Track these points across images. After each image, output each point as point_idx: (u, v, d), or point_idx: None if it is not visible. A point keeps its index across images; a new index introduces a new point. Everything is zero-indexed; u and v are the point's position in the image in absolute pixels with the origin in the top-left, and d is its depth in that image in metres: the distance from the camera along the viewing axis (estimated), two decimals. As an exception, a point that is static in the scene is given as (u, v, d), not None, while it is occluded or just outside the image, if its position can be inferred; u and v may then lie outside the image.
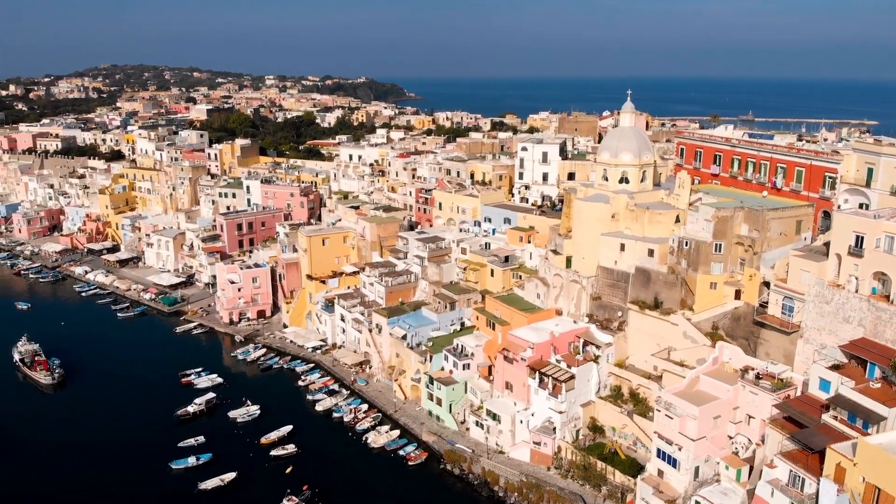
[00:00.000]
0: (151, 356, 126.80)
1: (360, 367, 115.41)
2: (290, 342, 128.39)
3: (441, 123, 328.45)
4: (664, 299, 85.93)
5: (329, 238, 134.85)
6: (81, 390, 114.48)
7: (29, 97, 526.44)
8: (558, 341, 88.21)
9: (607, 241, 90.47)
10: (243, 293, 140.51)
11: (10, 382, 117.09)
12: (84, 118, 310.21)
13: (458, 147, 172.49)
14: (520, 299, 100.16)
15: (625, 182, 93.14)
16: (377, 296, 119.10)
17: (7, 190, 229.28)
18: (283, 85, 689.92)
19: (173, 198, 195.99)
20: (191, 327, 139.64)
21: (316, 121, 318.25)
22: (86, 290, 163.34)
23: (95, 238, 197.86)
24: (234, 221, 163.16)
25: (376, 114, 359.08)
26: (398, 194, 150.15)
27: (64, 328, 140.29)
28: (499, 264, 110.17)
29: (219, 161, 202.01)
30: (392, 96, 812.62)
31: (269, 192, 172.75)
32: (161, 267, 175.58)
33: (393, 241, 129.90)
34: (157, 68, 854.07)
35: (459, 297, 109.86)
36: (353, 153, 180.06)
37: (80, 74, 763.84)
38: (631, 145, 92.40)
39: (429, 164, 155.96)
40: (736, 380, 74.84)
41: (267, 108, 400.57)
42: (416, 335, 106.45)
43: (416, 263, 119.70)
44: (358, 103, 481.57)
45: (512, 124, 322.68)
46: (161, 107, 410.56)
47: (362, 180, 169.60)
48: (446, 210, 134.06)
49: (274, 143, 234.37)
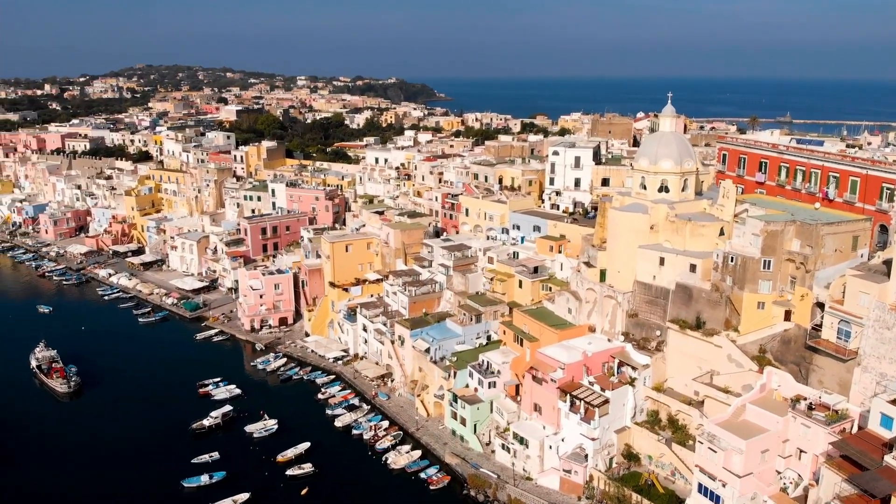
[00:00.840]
0: (170, 364, 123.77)
1: (381, 380, 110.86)
2: (311, 352, 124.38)
3: (470, 125, 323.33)
4: (707, 319, 79.78)
5: (352, 244, 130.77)
6: (97, 399, 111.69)
7: (63, 97, 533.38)
8: (591, 361, 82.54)
9: (645, 254, 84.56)
10: (265, 300, 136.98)
11: (26, 389, 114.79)
12: (114, 118, 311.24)
13: (487, 150, 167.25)
14: (550, 314, 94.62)
15: (664, 191, 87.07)
16: (400, 306, 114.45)
17: (35, 190, 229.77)
18: (315, 86, 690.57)
19: (199, 200, 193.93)
20: (211, 334, 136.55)
21: (345, 122, 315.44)
22: (108, 293, 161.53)
23: (121, 240, 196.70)
24: (258, 225, 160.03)
25: (405, 115, 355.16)
26: (424, 199, 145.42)
27: (84, 333, 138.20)
28: (527, 275, 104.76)
29: (245, 163, 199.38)
30: (422, 97, 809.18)
31: (294, 195, 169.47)
32: (185, 270, 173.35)
33: (417, 249, 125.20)
34: (191, 68, 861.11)
35: (485, 309, 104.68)
36: (380, 156, 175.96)
37: (116, 74, 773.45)
38: (672, 152, 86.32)
39: (456, 168, 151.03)
40: (786, 410, 68.63)
41: (297, 108, 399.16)
42: (439, 349, 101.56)
43: (441, 272, 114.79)
44: (388, 104, 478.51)
45: (542, 125, 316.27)
46: (192, 107, 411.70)
47: (388, 184, 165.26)
48: (473, 216, 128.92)
49: (301, 145, 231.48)
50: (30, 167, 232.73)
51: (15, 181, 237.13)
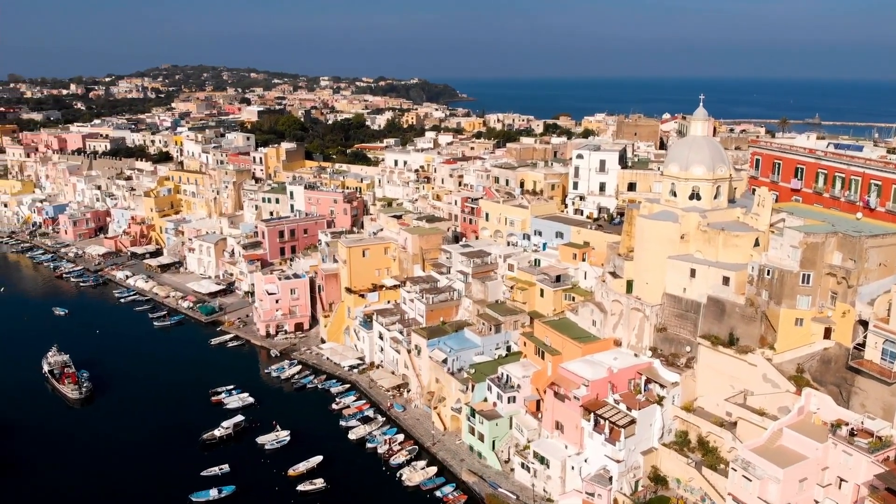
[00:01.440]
0: (183, 370, 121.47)
1: (397, 390, 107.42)
2: (326, 359, 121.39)
3: (492, 125, 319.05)
4: (741, 335, 75.20)
5: (369, 249, 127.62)
6: (108, 406, 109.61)
7: (88, 97, 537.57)
8: (617, 378, 78.33)
9: (675, 265, 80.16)
10: (281, 305, 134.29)
11: (38, 394, 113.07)
12: (135, 119, 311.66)
13: (508, 153, 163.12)
14: (573, 325, 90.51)
15: (696, 198, 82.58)
16: (417, 313, 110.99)
17: (56, 190, 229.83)
18: (337, 86, 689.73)
19: (217, 202, 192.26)
20: (226, 339, 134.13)
21: (365, 123, 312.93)
22: (125, 295, 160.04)
23: (139, 241, 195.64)
24: (276, 228, 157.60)
25: (426, 116, 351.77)
26: (443, 203, 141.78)
27: (98, 336, 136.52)
28: (549, 284, 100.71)
29: (264, 165, 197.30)
30: (444, 97, 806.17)
31: (312, 198, 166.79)
32: (202, 273, 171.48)
33: (436, 254, 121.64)
34: (216, 69, 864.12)
35: (505, 318, 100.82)
36: (399, 158, 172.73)
37: (142, 74, 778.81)
38: (704, 157, 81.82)
39: (476, 170, 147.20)
40: (825, 436, 64.13)
41: (318, 109, 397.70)
42: (457, 360, 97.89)
43: (460, 279, 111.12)
44: (409, 105, 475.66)
45: (566, 126, 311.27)
46: (215, 107, 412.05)
47: (407, 187, 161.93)
48: (493, 221, 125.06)
49: (321, 147, 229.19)
50: (51, 167, 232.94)
51: (36, 181, 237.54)
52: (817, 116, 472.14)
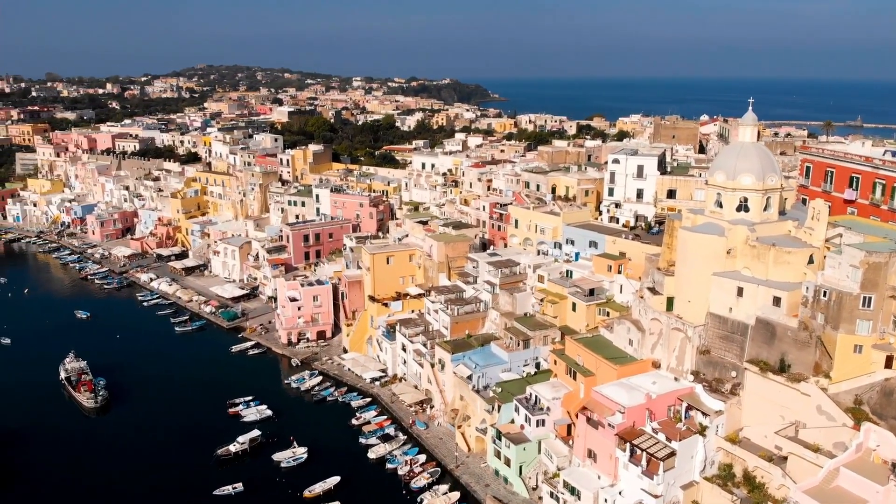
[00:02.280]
0: (201, 379, 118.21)
1: (420, 406, 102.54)
2: (347, 370, 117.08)
3: (523, 127, 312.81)
4: (793, 361, 68.75)
5: (394, 256, 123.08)
6: (123, 416, 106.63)
7: (123, 96, 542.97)
8: (655, 404, 72.38)
9: (721, 282, 73.93)
10: (303, 312, 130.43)
11: (54, 402, 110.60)
12: (165, 119, 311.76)
13: (540, 156, 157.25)
14: (607, 344, 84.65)
15: (744, 210, 76.21)
16: (442, 325, 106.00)
17: (85, 190, 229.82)
18: (369, 87, 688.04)
19: (243, 204, 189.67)
20: (247, 346, 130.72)
21: (395, 124, 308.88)
22: (148, 299, 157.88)
23: (165, 243, 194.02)
24: (301, 232, 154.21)
25: (456, 117, 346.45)
26: (471, 208, 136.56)
27: (118, 341, 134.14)
28: (582, 297, 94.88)
29: (290, 167, 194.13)
30: (476, 97, 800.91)
31: (338, 201, 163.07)
32: (226, 277, 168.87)
33: (462, 263, 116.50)
34: (250, 69, 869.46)
35: (534, 333, 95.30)
36: (426, 161, 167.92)
37: (177, 74, 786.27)
38: (753, 165, 75.42)
39: (506, 175, 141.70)
40: (887, 476, 57.71)
41: (349, 110, 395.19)
42: (483, 376, 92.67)
43: (487, 290, 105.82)
44: (441, 105, 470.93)
45: (600, 128, 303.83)
46: (246, 108, 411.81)
47: (434, 191, 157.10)
48: (523, 228, 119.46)
49: (349, 149, 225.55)
50: (80, 167, 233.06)
51: (66, 181, 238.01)
52: (859, 119, 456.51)
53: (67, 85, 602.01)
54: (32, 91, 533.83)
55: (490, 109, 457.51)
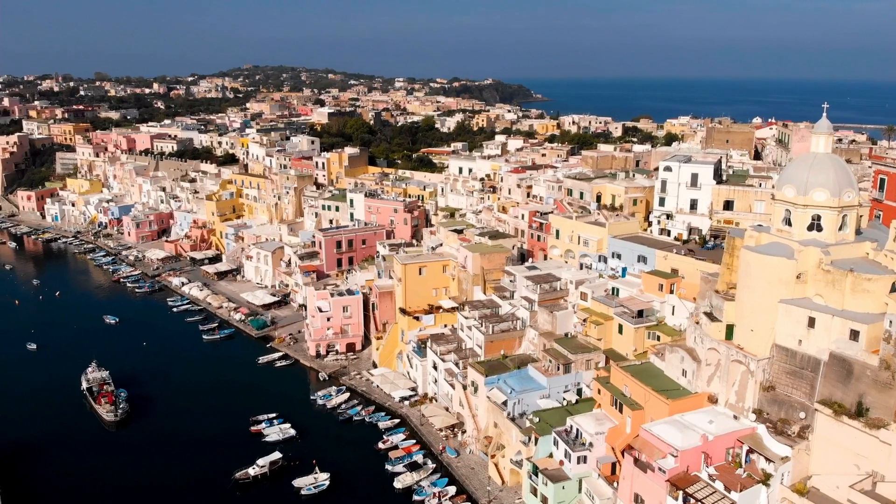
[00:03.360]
0: (226, 392, 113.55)
1: (451, 430, 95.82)
2: (376, 387, 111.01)
3: (566, 128, 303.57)
4: (871, 404, 60.02)
5: (427, 267, 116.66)
6: (142, 431, 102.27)
7: (169, 96, 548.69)
8: (712, 447, 64.37)
9: (789, 311, 65.44)
10: (332, 323, 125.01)
11: (73, 414, 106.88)
12: (205, 119, 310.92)
13: (583, 161, 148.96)
14: (658, 374, 76.66)
15: (816, 229, 67.54)
16: (475, 343, 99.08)
17: (123, 191, 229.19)
18: (411, 87, 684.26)
19: (278, 208, 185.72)
20: (274, 358, 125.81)
21: (435, 126, 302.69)
22: (178, 304, 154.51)
23: (199, 246, 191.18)
24: (333, 238, 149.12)
25: (497, 118, 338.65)
26: (509, 216, 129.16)
27: (144, 349, 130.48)
28: (630, 319, 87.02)
29: (326, 170, 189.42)
30: (518, 98, 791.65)
31: (372, 206, 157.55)
32: (259, 282, 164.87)
33: (498, 275, 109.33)
34: (295, 69, 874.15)
35: (576, 357, 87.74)
36: (464, 166, 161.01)
37: (224, 74, 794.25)
38: (828, 179, 66.71)
39: (547, 181, 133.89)
40: None
41: (390, 111, 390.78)
42: (519, 403, 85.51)
43: (524, 307, 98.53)
44: (482, 106, 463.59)
45: (647, 130, 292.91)
46: (288, 108, 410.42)
47: (471, 196, 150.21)
48: (564, 239, 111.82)
49: (387, 151, 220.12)
50: (118, 167, 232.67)
51: (104, 181, 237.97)
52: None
53: (115, 84, 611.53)
54: (80, 90, 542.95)
55: (532, 110, 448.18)
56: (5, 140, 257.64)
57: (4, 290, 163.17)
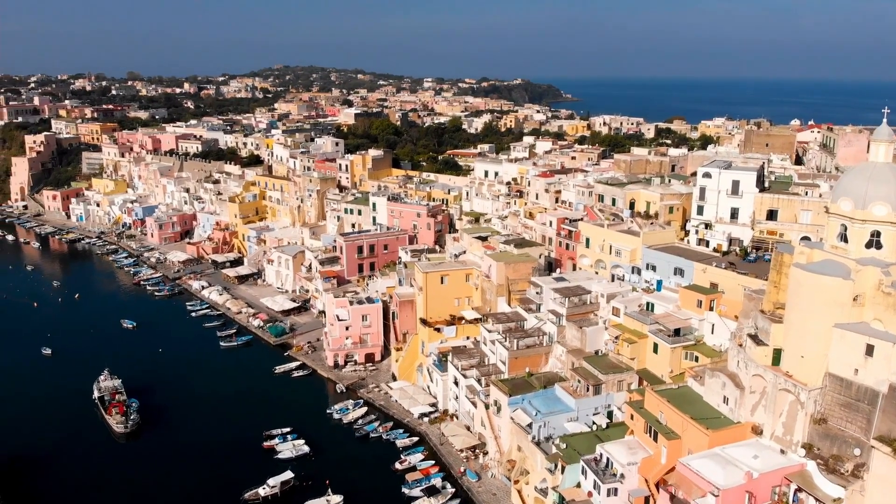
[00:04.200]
0: (240, 403, 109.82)
1: (472, 452, 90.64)
2: (395, 402, 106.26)
3: (597, 129, 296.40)
4: (943, 444, 53.52)
5: (449, 275, 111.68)
6: (152, 444, 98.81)
7: (199, 95, 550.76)
8: (757, 485, 58.37)
9: (844, 336, 59.08)
10: (351, 332, 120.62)
11: (84, 424, 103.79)
12: (231, 119, 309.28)
13: (616, 165, 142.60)
14: (696, 399, 70.62)
15: (875, 247, 61.02)
16: (499, 359, 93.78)
17: (147, 191, 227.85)
18: (440, 87, 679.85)
19: (301, 210, 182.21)
20: (292, 367, 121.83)
21: (462, 126, 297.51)
22: (197, 309, 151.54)
23: (221, 248, 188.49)
24: (355, 243, 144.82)
25: (526, 118, 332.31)
26: (536, 222, 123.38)
27: (160, 356, 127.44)
28: (666, 338, 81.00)
29: (349, 172, 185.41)
30: (547, 98, 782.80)
31: (395, 210, 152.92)
32: (279, 287, 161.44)
33: (524, 286, 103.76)
34: (325, 70, 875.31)
35: (607, 377, 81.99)
36: (489, 169, 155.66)
37: (254, 74, 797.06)
38: (889, 192, 60.19)
39: (577, 185, 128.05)
40: None
41: (417, 112, 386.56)
42: (545, 425, 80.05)
43: (551, 321, 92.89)
44: (510, 106, 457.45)
45: (680, 131, 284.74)
46: (315, 109, 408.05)
47: (497, 201, 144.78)
48: (595, 249, 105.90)
49: (412, 153, 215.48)
50: (143, 167, 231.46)
51: (129, 181, 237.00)
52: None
53: (146, 84, 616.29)
54: (112, 90, 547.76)
55: (562, 110, 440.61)
56: (32, 139, 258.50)
57: (24, 292, 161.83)
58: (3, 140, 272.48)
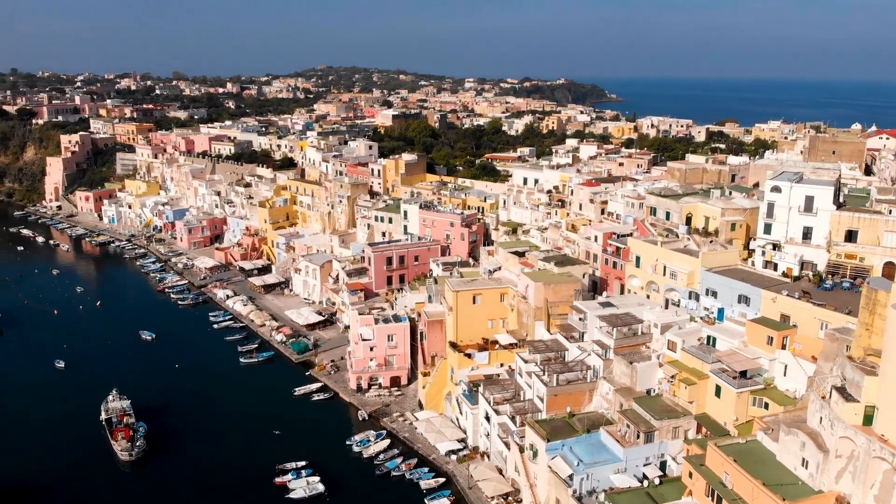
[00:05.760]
0: (254, 429, 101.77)
1: (504, 500, 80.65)
2: (420, 435, 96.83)
3: (644, 131, 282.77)
4: None
5: (482, 295, 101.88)
6: (157, 475, 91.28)
7: (241, 96, 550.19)
8: (852, 582, 47.24)
9: (967, 402, 47.63)
10: (376, 353, 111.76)
11: (91, 448, 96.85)
12: (266, 121, 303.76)
13: (669, 174, 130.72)
14: (768, 459, 59.58)
15: None
16: (536, 394, 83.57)
17: (179, 194, 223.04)
18: (481, 88, 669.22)
19: (331, 217, 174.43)
20: (312, 390, 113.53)
21: (502, 128, 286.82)
22: (219, 320, 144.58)
23: (250, 255, 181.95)
24: (383, 254, 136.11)
25: (569, 120, 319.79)
26: (579, 236, 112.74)
27: (175, 372, 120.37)
28: (730, 380, 69.87)
29: (382, 178, 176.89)
30: (591, 98, 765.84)
31: (427, 219, 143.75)
32: (306, 297, 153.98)
33: (565, 310, 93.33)
34: (367, 70, 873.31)
35: (661, 423, 71.29)
36: (529, 176, 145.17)
37: (298, 75, 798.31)
38: None
39: (626, 196, 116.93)
40: None
41: (456, 112, 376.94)
42: (588, 478, 69.73)
43: (596, 352, 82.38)
44: (553, 106, 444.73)
45: (733, 135, 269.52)
46: (354, 110, 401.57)
47: (536, 211, 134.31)
48: (646, 269, 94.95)
49: (448, 157, 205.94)
50: (175, 169, 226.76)
51: (162, 183, 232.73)
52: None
53: (190, 84, 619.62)
54: (157, 89, 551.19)
55: (606, 111, 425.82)
56: (68, 139, 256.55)
57: (47, 298, 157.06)
58: (39, 139, 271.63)
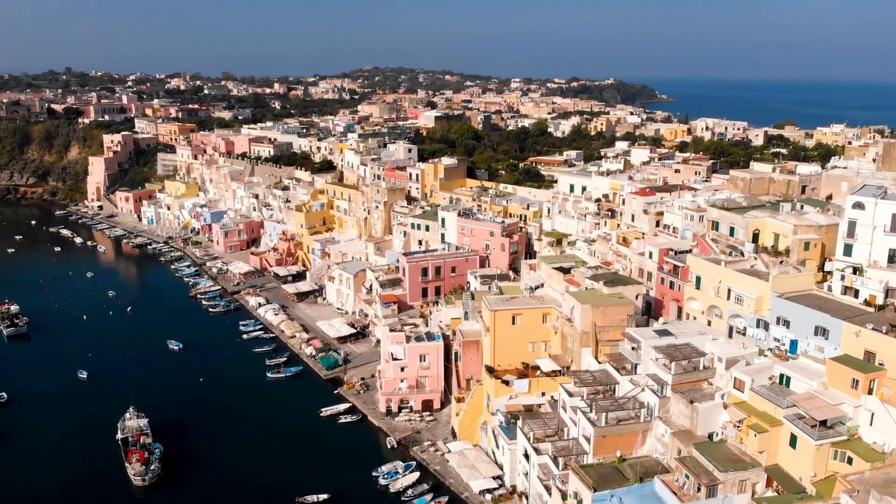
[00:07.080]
0: (276, 452, 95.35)
1: (543, 551, 72.07)
2: (452, 469, 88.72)
3: (699, 134, 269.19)
4: None
5: (522, 314, 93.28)
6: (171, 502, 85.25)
7: (287, 96, 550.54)
8: None
9: None
10: (407, 374, 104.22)
11: (105, 469, 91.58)
12: (309, 122, 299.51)
13: (731, 183, 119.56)
14: (861, 536, 49.75)
15: None
16: (581, 433, 74.62)
17: (217, 196, 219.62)
18: (527, 88, 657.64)
19: (367, 223, 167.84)
20: (339, 411, 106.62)
21: (547, 130, 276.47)
22: (249, 329, 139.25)
23: (285, 260, 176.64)
24: (419, 265, 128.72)
25: (618, 121, 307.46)
26: (631, 251, 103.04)
27: (199, 386, 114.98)
28: (808, 429, 59.91)
29: (420, 182, 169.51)
30: (641, 98, 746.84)
31: (465, 228, 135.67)
32: (339, 307, 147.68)
33: (616, 336, 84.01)
34: (413, 71, 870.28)
35: (726, 476, 61.66)
36: (576, 183, 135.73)
37: (345, 76, 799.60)
38: None
39: (684, 207, 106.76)
40: None
41: (501, 114, 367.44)
42: (640, 536, 60.69)
43: (651, 388, 73.06)
44: (601, 107, 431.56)
45: (793, 138, 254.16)
46: (397, 111, 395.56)
47: (584, 221, 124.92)
48: (708, 291, 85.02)
49: (490, 160, 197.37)
50: (214, 171, 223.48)
51: (201, 184, 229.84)
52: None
53: (238, 84, 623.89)
54: (205, 89, 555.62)
55: (657, 112, 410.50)
56: (110, 139, 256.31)
57: (78, 302, 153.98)
58: (84, 139, 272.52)
